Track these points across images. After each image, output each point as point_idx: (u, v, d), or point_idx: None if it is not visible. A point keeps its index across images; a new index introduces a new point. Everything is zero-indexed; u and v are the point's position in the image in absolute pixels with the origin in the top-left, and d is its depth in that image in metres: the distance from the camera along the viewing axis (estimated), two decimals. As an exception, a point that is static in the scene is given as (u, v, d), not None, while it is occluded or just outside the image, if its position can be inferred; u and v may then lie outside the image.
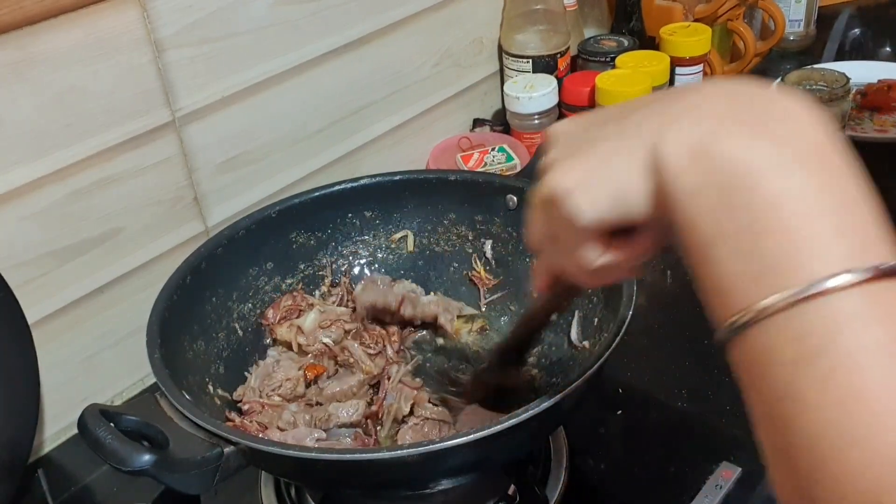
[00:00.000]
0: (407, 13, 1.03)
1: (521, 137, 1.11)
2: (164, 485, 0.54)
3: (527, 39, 1.14)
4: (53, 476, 0.78)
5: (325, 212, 0.82)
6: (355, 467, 0.56)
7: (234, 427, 0.66)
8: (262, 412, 0.70)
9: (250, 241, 0.77)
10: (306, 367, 0.74)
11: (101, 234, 0.80)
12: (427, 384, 0.72)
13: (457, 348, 0.79)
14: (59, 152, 0.75)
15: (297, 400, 0.72)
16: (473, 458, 0.57)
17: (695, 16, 1.20)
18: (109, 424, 0.54)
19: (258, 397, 0.71)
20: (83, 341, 0.82)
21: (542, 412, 0.53)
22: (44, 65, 0.72)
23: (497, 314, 0.82)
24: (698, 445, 0.73)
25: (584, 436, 0.73)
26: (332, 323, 0.77)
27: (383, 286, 0.80)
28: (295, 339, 0.76)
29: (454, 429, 0.68)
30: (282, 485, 0.72)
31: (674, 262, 0.98)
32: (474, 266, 0.83)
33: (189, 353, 0.69)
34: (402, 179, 0.83)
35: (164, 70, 0.80)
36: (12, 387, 0.72)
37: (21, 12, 0.69)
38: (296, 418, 0.69)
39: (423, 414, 0.69)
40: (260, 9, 0.87)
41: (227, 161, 0.89)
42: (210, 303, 0.74)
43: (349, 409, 0.69)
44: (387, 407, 0.70)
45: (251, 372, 0.74)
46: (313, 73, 0.94)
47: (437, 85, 1.11)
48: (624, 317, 0.59)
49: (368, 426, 0.69)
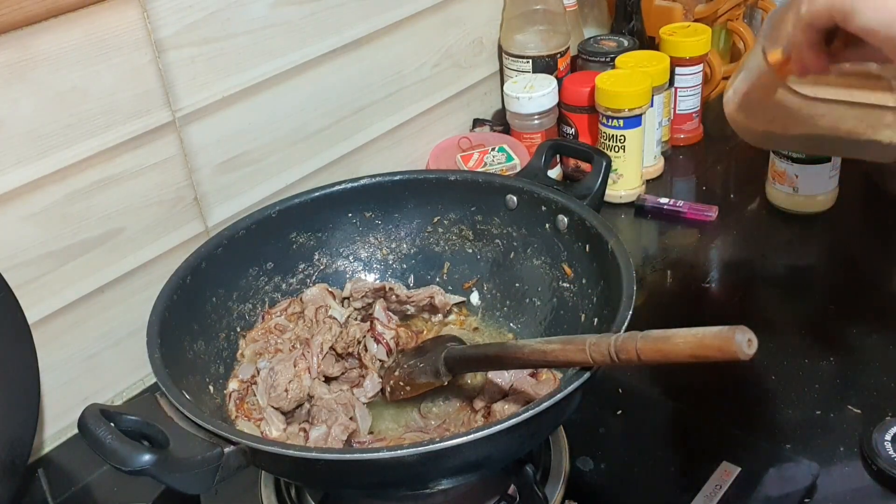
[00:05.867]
0: (407, 14, 1.03)
1: (521, 137, 1.11)
2: (164, 485, 0.53)
3: (527, 39, 1.14)
4: (53, 476, 0.78)
5: (325, 212, 0.82)
6: (355, 467, 0.56)
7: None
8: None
9: (250, 241, 0.77)
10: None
11: (101, 234, 0.81)
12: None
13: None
14: (60, 152, 0.75)
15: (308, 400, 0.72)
16: (473, 458, 0.57)
17: (695, 16, 1.20)
18: (110, 424, 0.54)
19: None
20: (83, 341, 0.83)
21: (542, 412, 0.53)
22: (44, 65, 0.72)
23: (490, 314, 0.82)
24: (698, 445, 0.73)
25: (584, 436, 0.73)
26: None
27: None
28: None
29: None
30: (282, 485, 0.72)
31: (674, 261, 0.98)
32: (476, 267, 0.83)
33: (189, 353, 0.69)
34: (402, 179, 0.83)
35: (164, 70, 0.80)
36: (12, 387, 0.72)
37: (21, 12, 0.69)
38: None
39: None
40: (260, 9, 0.87)
41: (227, 161, 0.89)
42: (210, 303, 0.74)
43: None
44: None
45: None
46: (313, 73, 0.94)
47: (437, 85, 1.11)
48: (624, 317, 0.60)
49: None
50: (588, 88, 1.08)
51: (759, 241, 1.00)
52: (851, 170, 1.01)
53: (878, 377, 0.78)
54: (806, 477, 0.68)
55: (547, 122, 1.11)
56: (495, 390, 0.70)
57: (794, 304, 0.90)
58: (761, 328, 0.49)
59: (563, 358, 0.57)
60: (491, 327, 0.82)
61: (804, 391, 0.77)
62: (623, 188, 1.07)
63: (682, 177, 1.16)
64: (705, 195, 1.10)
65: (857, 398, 0.76)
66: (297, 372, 0.72)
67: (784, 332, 0.85)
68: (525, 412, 0.53)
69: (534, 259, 0.79)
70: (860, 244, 0.99)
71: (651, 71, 1.06)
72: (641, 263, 0.98)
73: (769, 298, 0.92)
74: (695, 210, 1.04)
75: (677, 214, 1.05)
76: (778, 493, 0.67)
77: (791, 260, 0.99)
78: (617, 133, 1.04)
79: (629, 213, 1.07)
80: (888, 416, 0.72)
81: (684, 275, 0.97)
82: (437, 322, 0.82)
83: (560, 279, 0.76)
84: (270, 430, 0.69)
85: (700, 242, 1.01)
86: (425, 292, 0.81)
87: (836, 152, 0.91)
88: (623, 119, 1.03)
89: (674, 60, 1.11)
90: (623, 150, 1.04)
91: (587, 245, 0.72)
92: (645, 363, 0.52)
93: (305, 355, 0.74)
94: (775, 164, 1.00)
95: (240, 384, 0.73)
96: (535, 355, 0.60)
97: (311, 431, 0.68)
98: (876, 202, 1.02)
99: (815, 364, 0.80)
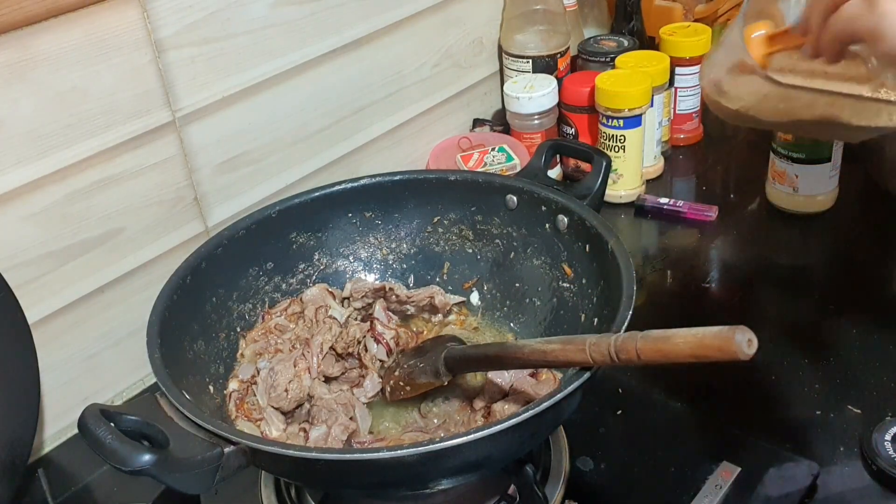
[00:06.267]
0: (407, 13, 1.03)
1: (521, 137, 1.11)
2: (164, 485, 0.53)
3: (527, 39, 1.14)
4: (53, 476, 0.78)
5: (325, 212, 0.82)
6: (355, 467, 0.56)
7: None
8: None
9: (250, 241, 0.77)
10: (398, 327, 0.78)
11: (101, 234, 0.81)
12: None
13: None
14: (60, 152, 0.75)
15: (308, 400, 0.72)
16: (473, 458, 0.57)
17: (695, 16, 1.20)
18: (109, 424, 0.54)
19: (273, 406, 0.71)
20: (83, 341, 0.83)
21: (542, 412, 0.54)
22: (44, 65, 0.72)
23: (490, 314, 0.82)
24: (698, 445, 0.73)
25: (584, 436, 0.73)
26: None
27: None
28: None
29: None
30: (282, 485, 0.72)
31: (674, 261, 0.98)
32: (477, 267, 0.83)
33: (189, 353, 0.69)
34: (402, 179, 0.83)
35: (164, 70, 0.80)
36: (12, 387, 0.73)
37: (21, 12, 0.69)
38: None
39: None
40: (260, 9, 0.87)
41: (227, 161, 0.89)
42: (210, 303, 0.74)
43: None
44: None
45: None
46: (313, 73, 0.94)
47: (437, 85, 1.11)
48: (624, 317, 0.59)
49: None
50: (588, 88, 1.08)
51: (759, 241, 1.00)
52: (851, 170, 1.01)
53: (878, 377, 0.78)
54: (806, 477, 0.68)
55: (547, 122, 1.11)
56: (495, 390, 0.70)
57: (794, 304, 0.90)
58: (761, 328, 0.49)
59: (563, 358, 0.57)
60: (491, 327, 0.82)
61: (804, 391, 0.77)
62: (623, 188, 1.07)
63: (682, 177, 1.16)
64: (705, 195, 1.10)
65: (857, 398, 0.76)
66: (297, 372, 0.72)
67: (784, 332, 0.84)
68: (525, 412, 0.53)
69: (534, 259, 0.79)
70: (860, 244, 0.99)
71: (651, 71, 1.06)
72: (641, 263, 0.98)
73: (769, 298, 0.92)
74: (695, 210, 1.04)
75: (677, 214, 1.05)
76: (778, 493, 0.67)
77: (791, 260, 0.99)
78: (617, 133, 1.04)
79: (629, 213, 1.07)
80: (888, 416, 0.72)
81: (684, 275, 0.97)
82: (437, 322, 0.82)
83: (560, 279, 0.76)
84: (270, 430, 0.69)
85: (700, 242, 1.01)
86: (425, 292, 0.81)
87: (807, 133, 0.92)
88: (623, 119, 1.03)
89: (674, 60, 1.11)
90: (623, 150, 1.04)
91: (587, 245, 0.72)
92: (645, 363, 0.52)
93: (305, 355, 0.74)
94: (775, 164, 1.00)
95: (240, 384, 0.73)
96: (535, 355, 0.60)
97: (311, 431, 0.68)
98: (876, 202, 1.02)
99: (815, 364, 0.80)
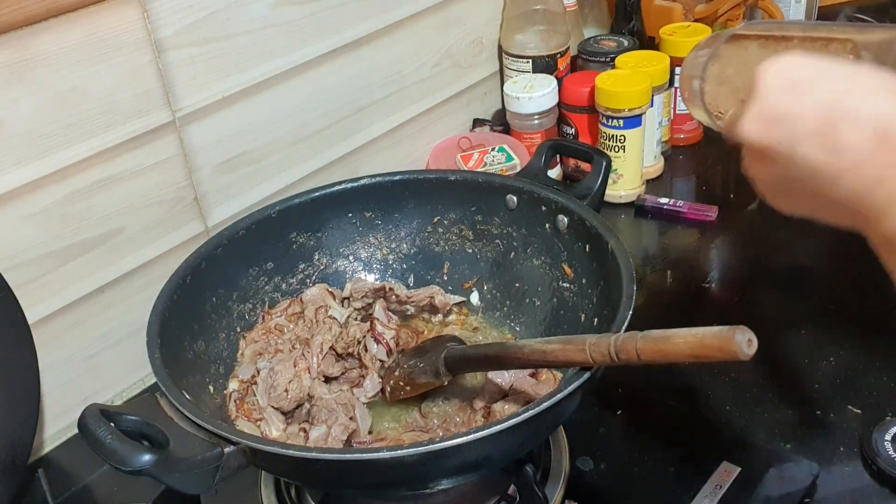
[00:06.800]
0: (407, 13, 1.03)
1: (521, 137, 1.11)
2: (164, 485, 0.53)
3: (527, 39, 1.14)
4: (53, 476, 0.78)
5: (325, 212, 0.82)
6: (355, 467, 0.56)
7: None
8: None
9: (250, 241, 0.77)
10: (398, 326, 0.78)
11: (101, 234, 0.81)
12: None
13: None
14: (60, 152, 0.75)
15: (308, 400, 0.72)
16: (473, 458, 0.57)
17: (695, 16, 1.20)
18: (109, 424, 0.54)
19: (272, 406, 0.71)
20: (83, 341, 0.82)
21: (542, 412, 0.54)
22: (44, 65, 0.72)
23: (490, 314, 0.82)
24: (698, 445, 0.73)
25: (584, 436, 0.73)
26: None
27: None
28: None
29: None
30: (282, 485, 0.72)
31: (674, 261, 0.98)
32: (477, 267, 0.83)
33: (189, 353, 0.69)
34: (402, 179, 0.83)
35: (164, 70, 0.80)
36: (12, 387, 0.72)
37: (21, 12, 0.69)
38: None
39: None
40: (260, 9, 0.87)
41: (227, 161, 0.89)
42: (210, 303, 0.74)
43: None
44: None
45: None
46: (313, 73, 0.94)
47: (437, 85, 1.11)
48: (624, 317, 0.59)
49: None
50: (588, 88, 1.08)
51: (759, 241, 1.00)
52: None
53: (878, 377, 0.78)
54: (806, 477, 0.68)
55: (547, 122, 1.11)
56: (495, 390, 0.70)
57: (794, 304, 0.90)
58: (761, 328, 0.49)
59: (563, 358, 0.57)
60: (491, 327, 0.82)
61: (804, 391, 0.77)
62: (623, 188, 1.07)
63: (682, 177, 1.16)
64: (705, 195, 1.10)
65: (857, 398, 0.76)
66: (297, 372, 0.72)
67: (784, 332, 0.84)
68: (525, 412, 0.53)
69: (534, 259, 0.79)
70: (860, 244, 0.98)
71: (651, 71, 1.06)
72: (641, 263, 0.98)
73: (769, 298, 0.92)
74: (695, 210, 1.04)
75: (677, 214, 1.05)
76: (778, 493, 0.67)
77: (791, 260, 0.99)
78: (617, 133, 1.04)
79: (629, 213, 1.07)
80: (888, 416, 0.72)
81: (684, 275, 0.97)
82: (437, 322, 0.82)
83: (560, 279, 0.76)
84: (270, 430, 0.69)
85: (700, 242, 1.01)
86: (425, 292, 0.81)
87: None
88: (623, 119, 1.03)
89: (674, 60, 1.11)
90: (623, 150, 1.04)
91: (587, 245, 0.72)
92: (645, 363, 0.52)
93: (305, 355, 0.74)
94: (775, 164, 1.00)
95: (240, 384, 0.73)
96: (535, 355, 0.60)
97: (311, 431, 0.68)
98: (876, 202, 1.01)
99: (815, 364, 0.80)
